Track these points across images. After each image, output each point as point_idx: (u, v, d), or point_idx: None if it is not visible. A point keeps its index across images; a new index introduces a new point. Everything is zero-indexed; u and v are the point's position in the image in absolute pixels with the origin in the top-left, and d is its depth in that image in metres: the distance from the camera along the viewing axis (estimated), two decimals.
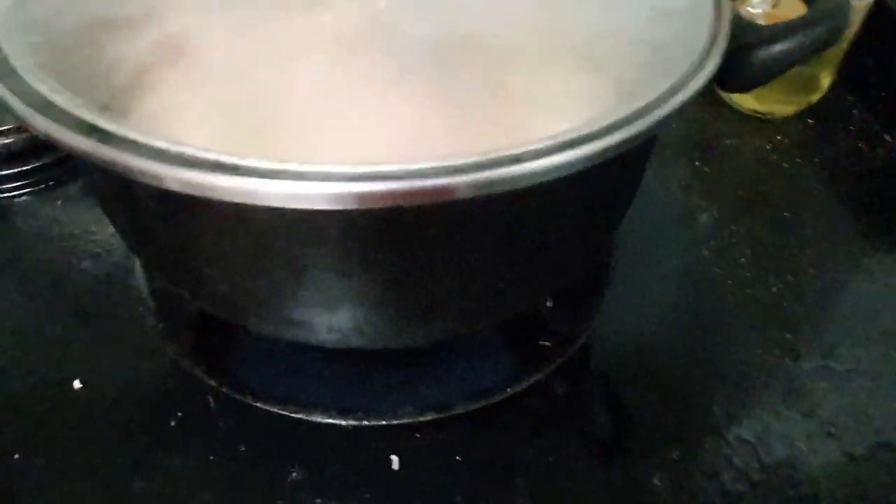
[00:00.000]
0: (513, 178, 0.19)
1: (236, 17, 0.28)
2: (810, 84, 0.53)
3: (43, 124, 0.18)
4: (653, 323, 0.38)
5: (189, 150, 0.19)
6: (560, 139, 0.20)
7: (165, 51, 0.26)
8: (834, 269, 0.42)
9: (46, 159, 0.44)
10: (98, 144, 0.18)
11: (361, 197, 0.19)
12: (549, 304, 0.32)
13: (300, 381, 0.30)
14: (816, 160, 0.51)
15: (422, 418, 0.29)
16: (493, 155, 0.20)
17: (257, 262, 0.22)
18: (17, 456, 0.30)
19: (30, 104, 0.19)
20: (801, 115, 0.54)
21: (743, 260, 0.43)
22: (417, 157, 0.20)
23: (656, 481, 0.31)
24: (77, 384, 0.33)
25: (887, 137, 0.52)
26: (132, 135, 0.18)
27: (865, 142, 0.52)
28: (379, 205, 0.20)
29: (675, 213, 0.45)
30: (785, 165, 0.50)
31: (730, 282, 0.41)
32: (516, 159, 0.19)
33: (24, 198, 0.43)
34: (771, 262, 0.43)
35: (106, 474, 0.30)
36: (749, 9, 0.47)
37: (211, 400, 0.32)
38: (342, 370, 0.31)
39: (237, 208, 0.19)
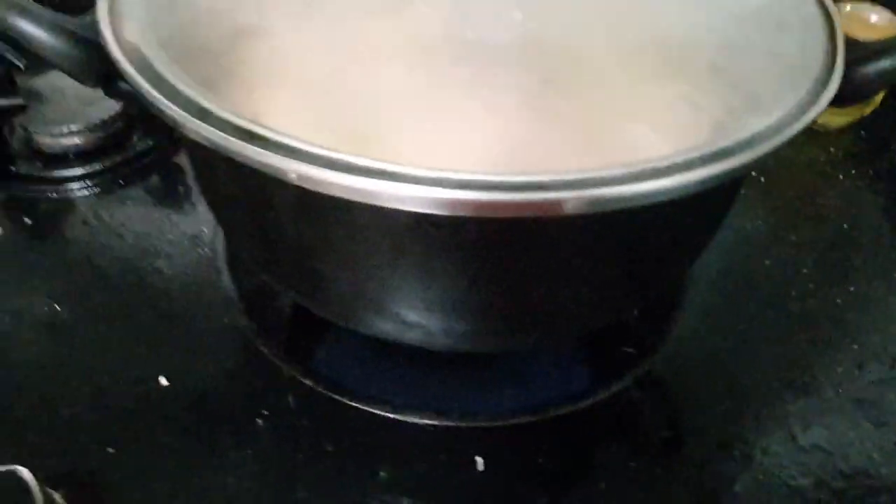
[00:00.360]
0: (627, 198, 0.19)
1: (329, 28, 0.29)
2: None
3: (202, 130, 0.19)
4: (723, 334, 0.38)
5: (331, 153, 0.19)
6: (681, 158, 0.20)
7: (274, 59, 0.27)
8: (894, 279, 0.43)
9: (116, 159, 0.45)
10: (258, 150, 0.18)
11: (493, 205, 0.20)
12: (635, 313, 0.32)
13: (391, 382, 0.31)
14: (870, 172, 0.51)
15: (515, 421, 0.30)
16: (610, 172, 0.20)
17: (376, 261, 0.23)
18: (110, 450, 0.31)
19: (185, 110, 0.20)
20: (853, 128, 0.54)
21: (805, 270, 0.43)
22: (530, 169, 0.20)
23: (738, 488, 0.31)
24: (163, 381, 0.34)
25: None
26: (286, 140, 0.19)
27: None
28: (500, 214, 0.20)
29: (735, 224, 0.46)
30: (840, 177, 0.51)
31: (793, 293, 0.41)
32: (634, 178, 0.19)
33: (94, 196, 0.44)
34: (832, 272, 0.43)
35: (193, 470, 0.31)
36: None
37: (296, 399, 0.32)
38: (432, 371, 0.31)
39: (366, 209, 0.20)
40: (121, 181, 0.45)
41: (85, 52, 0.25)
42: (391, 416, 0.29)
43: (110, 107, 0.45)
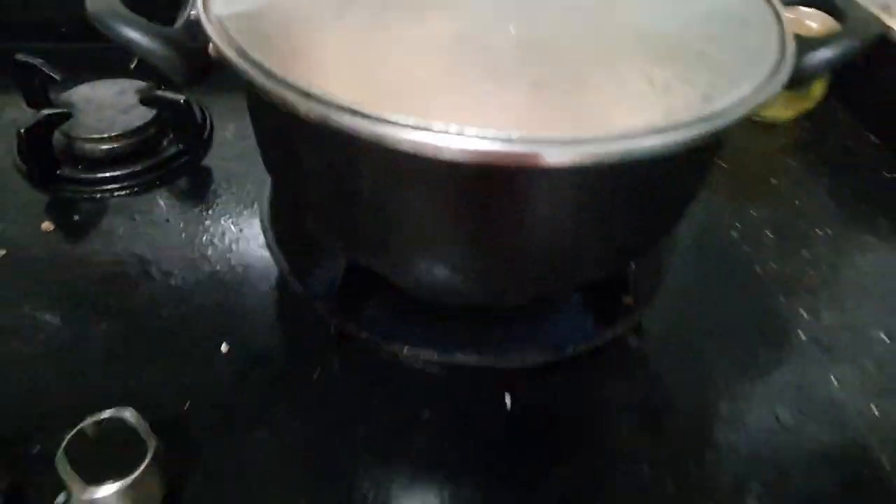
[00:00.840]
0: (633, 152, 0.25)
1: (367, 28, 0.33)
2: (806, 91, 0.61)
3: (318, 110, 0.24)
4: (702, 290, 0.45)
5: (392, 117, 0.24)
6: (674, 121, 0.26)
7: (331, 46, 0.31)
8: (841, 243, 0.50)
9: (149, 162, 0.49)
10: (359, 120, 0.24)
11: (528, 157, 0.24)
12: (633, 267, 0.38)
13: (434, 332, 0.36)
14: (814, 156, 0.59)
15: (539, 359, 0.35)
16: (610, 134, 0.25)
17: (419, 207, 0.28)
18: (187, 406, 0.35)
19: (297, 93, 0.25)
20: (798, 121, 0.62)
21: (765, 240, 0.50)
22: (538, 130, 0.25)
23: (722, 410, 0.37)
24: (224, 347, 0.38)
25: (872, 138, 0.61)
26: (361, 108, 0.24)
27: (853, 141, 0.61)
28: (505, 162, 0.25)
29: (705, 204, 0.52)
30: (790, 161, 0.58)
31: (758, 256, 0.48)
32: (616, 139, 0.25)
33: (133, 197, 0.48)
34: (788, 240, 0.50)
35: (258, 423, 0.35)
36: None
37: (346, 354, 0.37)
38: (467, 324, 0.37)
39: (410, 160, 0.24)
40: (157, 182, 0.49)
41: (181, 54, 0.29)
42: (437, 359, 0.34)
43: (143, 115, 0.49)
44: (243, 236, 0.44)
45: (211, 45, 0.29)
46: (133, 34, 0.29)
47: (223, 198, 0.48)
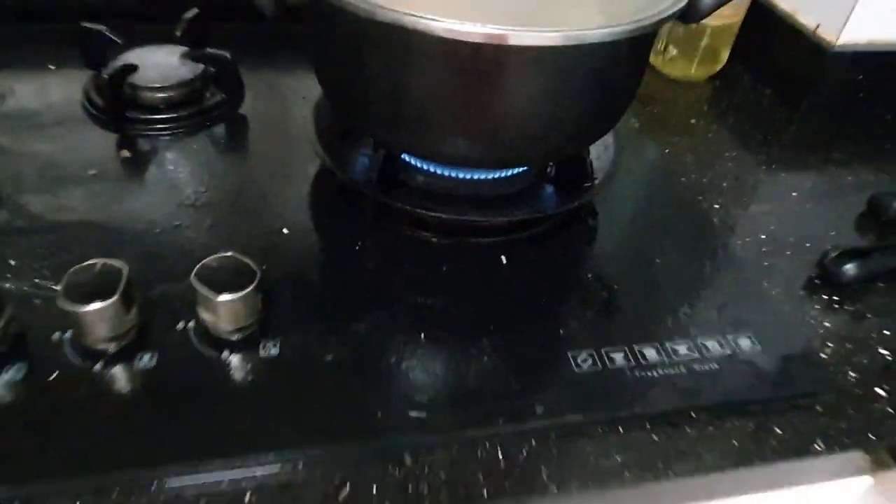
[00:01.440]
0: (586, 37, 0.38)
1: None
2: (715, 57, 0.77)
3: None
4: (641, 192, 0.59)
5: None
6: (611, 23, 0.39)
7: None
8: (744, 165, 0.65)
9: (195, 109, 0.60)
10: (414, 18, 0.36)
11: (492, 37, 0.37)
12: (590, 158, 0.52)
13: (448, 206, 0.48)
14: (724, 104, 0.74)
15: (533, 215, 0.48)
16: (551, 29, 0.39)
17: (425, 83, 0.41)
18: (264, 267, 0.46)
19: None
20: (710, 79, 0.78)
21: (688, 160, 0.65)
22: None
23: (651, 265, 0.51)
24: (285, 230, 0.49)
25: (768, 91, 0.77)
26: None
27: (752, 94, 0.77)
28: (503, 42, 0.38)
29: (638, 142, 0.67)
30: (705, 108, 0.74)
31: (680, 170, 0.63)
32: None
33: (181, 139, 0.59)
34: (704, 161, 0.65)
35: (317, 281, 0.47)
36: None
37: (383, 227, 0.49)
38: (473, 200, 0.49)
39: (426, 38, 0.37)
40: (205, 123, 0.60)
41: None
42: (462, 217, 0.47)
43: (190, 70, 0.61)
44: (294, 142, 0.56)
45: None
46: None
47: (255, 138, 0.60)
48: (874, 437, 0.42)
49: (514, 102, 0.42)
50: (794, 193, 0.62)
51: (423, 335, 0.43)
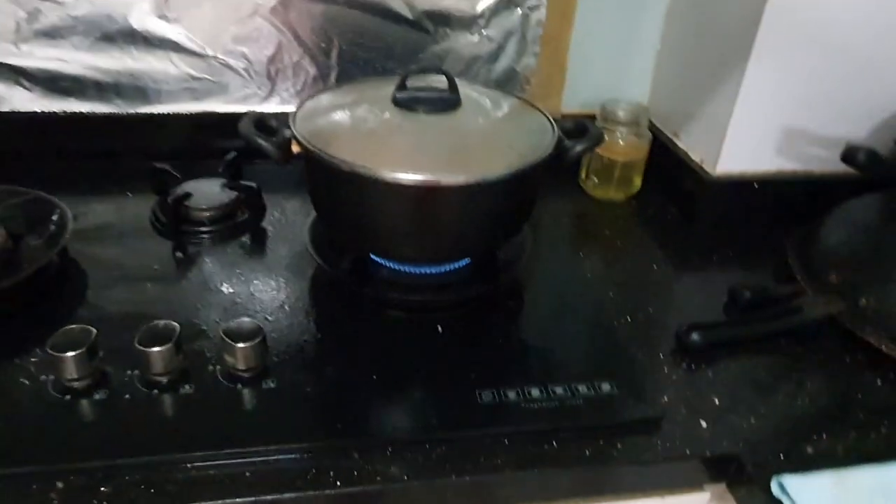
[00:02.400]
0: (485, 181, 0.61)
1: (367, 126, 0.70)
2: (629, 183, 0.99)
3: (348, 165, 0.59)
4: (554, 284, 0.79)
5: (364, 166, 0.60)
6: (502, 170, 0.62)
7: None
8: (641, 264, 0.85)
9: (229, 224, 0.83)
10: (372, 171, 0.59)
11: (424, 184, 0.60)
12: (501, 255, 0.73)
13: (406, 289, 0.69)
14: (637, 220, 0.96)
15: (454, 298, 0.69)
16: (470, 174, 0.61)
17: (384, 215, 0.63)
18: (270, 331, 0.67)
19: (337, 160, 0.60)
20: (628, 200, 1.00)
21: (603, 268, 0.85)
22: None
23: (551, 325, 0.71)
24: (287, 307, 0.70)
25: (671, 207, 0.98)
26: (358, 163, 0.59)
27: (659, 209, 0.98)
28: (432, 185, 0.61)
29: (565, 251, 0.88)
30: (622, 222, 0.95)
31: (593, 277, 0.83)
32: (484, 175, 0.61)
33: (218, 245, 0.81)
34: (615, 266, 0.85)
35: (315, 355, 0.67)
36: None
37: (356, 305, 0.70)
38: (417, 284, 0.70)
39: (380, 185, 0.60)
40: (236, 233, 0.83)
41: (281, 150, 0.65)
42: (404, 297, 0.68)
43: (228, 196, 0.84)
44: (292, 253, 0.78)
45: (294, 145, 0.65)
46: (260, 141, 0.65)
47: (275, 241, 0.82)
48: (700, 456, 0.59)
49: (443, 221, 0.64)
50: (676, 286, 0.82)
51: (374, 377, 0.62)
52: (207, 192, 0.85)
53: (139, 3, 0.89)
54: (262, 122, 0.69)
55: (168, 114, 0.95)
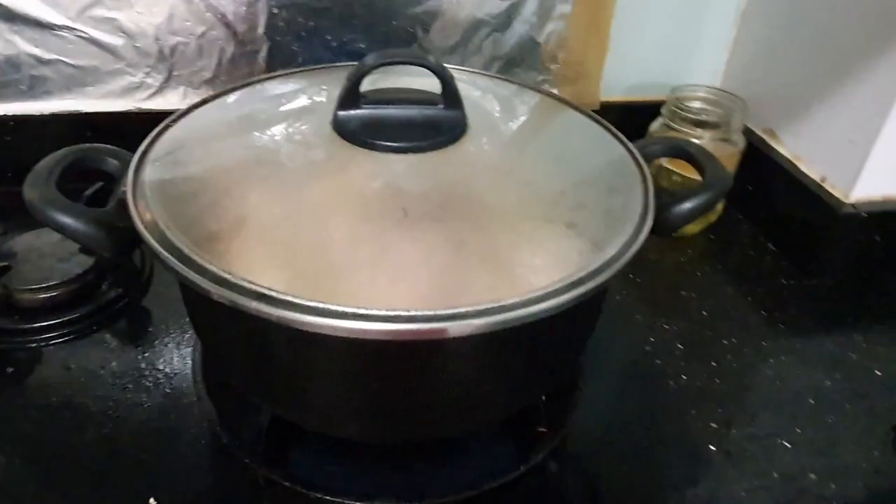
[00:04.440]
0: (506, 321, 0.28)
1: (283, 185, 0.36)
2: None
3: (227, 295, 0.27)
4: (615, 409, 0.48)
5: (294, 299, 0.27)
6: (544, 291, 0.29)
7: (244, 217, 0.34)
8: (745, 353, 0.54)
9: (89, 308, 0.51)
10: (273, 308, 0.26)
11: (396, 333, 0.27)
12: (543, 398, 0.41)
13: (356, 476, 0.37)
14: (720, 266, 0.64)
15: (458, 497, 0.37)
16: (488, 305, 0.28)
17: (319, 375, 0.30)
18: None
19: (212, 280, 0.28)
20: (704, 232, 0.68)
21: (676, 353, 0.54)
22: (437, 304, 0.28)
23: None
24: (152, 501, 0.39)
25: (770, 245, 0.67)
26: (269, 293, 0.27)
27: (754, 250, 0.66)
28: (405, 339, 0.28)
29: (618, 317, 0.56)
30: (697, 273, 0.63)
31: (669, 370, 0.52)
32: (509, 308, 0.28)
33: (70, 343, 0.49)
34: (697, 351, 0.54)
35: None
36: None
37: (274, 500, 0.39)
38: (388, 464, 0.38)
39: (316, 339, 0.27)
40: (94, 327, 0.50)
41: (110, 234, 0.32)
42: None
43: (83, 261, 0.52)
44: (178, 384, 0.46)
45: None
46: (66, 219, 0.32)
47: (161, 340, 0.50)
48: None
49: (436, 390, 0.32)
50: (808, 398, 0.51)
51: None
52: (49, 255, 0.52)
53: None
54: (84, 170, 0.35)
55: None
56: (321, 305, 0.27)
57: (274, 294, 0.27)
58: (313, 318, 0.26)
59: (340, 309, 0.27)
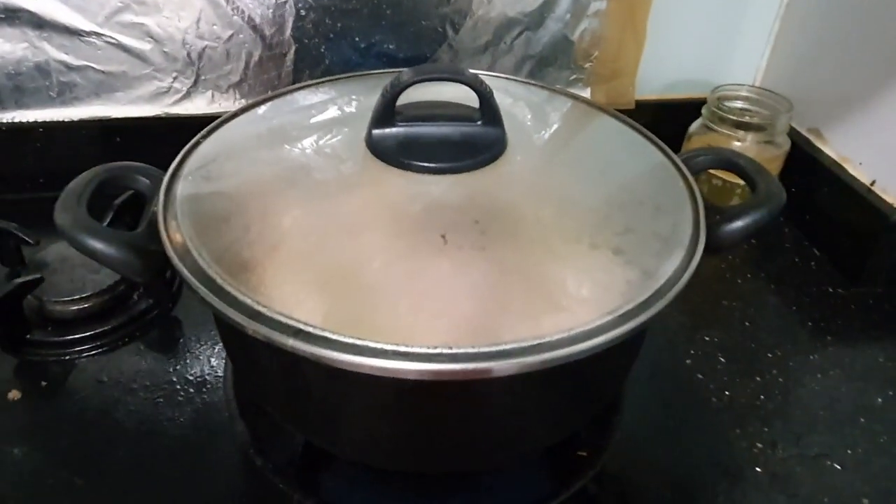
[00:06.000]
0: (552, 360, 0.26)
1: (317, 209, 0.35)
2: None
3: (263, 331, 0.26)
4: (658, 429, 0.46)
5: (331, 335, 0.26)
6: (592, 326, 0.27)
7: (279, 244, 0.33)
8: (791, 366, 0.52)
9: (121, 319, 0.50)
10: (309, 346, 0.25)
11: (438, 373, 0.26)
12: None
13: (387, 502, 0.36)
14: (763, 274, 0.62)
15: None
16: (533, 342, 0.26)
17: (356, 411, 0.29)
18: None
19: (247, 314, 0.26)
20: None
21: (719, 367, 0.52)
22: (479, 340, 0.26)
23: None
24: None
25: (816, 252, 0.64)
26: (305, 328, 0.26)
27: (799, 256, 0.64)
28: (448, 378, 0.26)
29: (657, 330, 0.54)
30: (739, 281, 0.61)
31: (711, 386, 0.50)
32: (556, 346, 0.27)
33: (103, 355, 0.49)
34: (741, 365, 0.52)
35: None
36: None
37: None
38: (423, 491, 0.37)
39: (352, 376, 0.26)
40: (126, 338, 0.50)
41: (141, 258, 0.31)
42: None
43: (114, 273, 0.51)
44: (210, 399, 0.45)
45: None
46: (97, 244, 0.31)
47: (192, 352, 0.49)
48: None
49: (476, 426, 0.31)
50: (859, 416, 0.48)
51: None
52: (80, 266, 0.52)
53: None
54: (114, 192, 0.35)
55: (25, 125, 0.61)
56: (360, 343, 0.25)
57: (311, 330, 0.26)
58: (352, 358, 0.25)
59: (380, 346, 0.25)
